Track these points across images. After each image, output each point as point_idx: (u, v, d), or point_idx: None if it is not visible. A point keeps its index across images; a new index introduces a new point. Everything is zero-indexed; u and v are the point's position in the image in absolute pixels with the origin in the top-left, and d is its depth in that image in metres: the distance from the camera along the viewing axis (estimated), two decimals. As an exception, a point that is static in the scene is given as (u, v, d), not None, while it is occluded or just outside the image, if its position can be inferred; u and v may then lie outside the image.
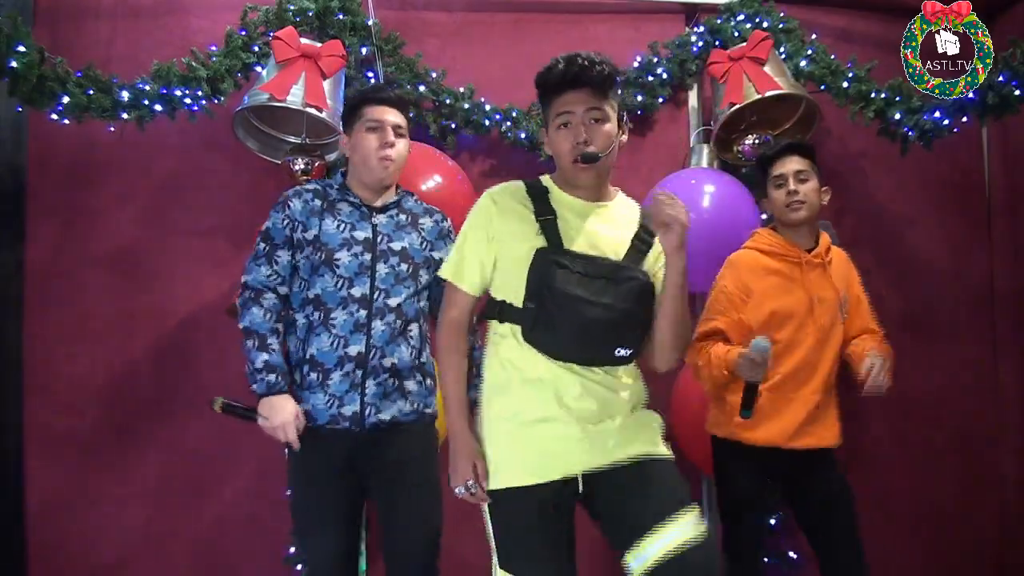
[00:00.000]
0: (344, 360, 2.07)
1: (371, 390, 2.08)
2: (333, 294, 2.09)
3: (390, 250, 2.15)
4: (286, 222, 2.14)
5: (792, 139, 2.41)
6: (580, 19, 3.27)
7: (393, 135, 2.16)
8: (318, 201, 2.16)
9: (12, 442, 2.84)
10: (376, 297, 2.11)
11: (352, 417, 2.07)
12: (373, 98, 2.19)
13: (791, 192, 2.31)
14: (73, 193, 2.92)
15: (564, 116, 1.76)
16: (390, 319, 2.11)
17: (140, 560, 2.88)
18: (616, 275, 1.73)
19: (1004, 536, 3.43)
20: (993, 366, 3.48)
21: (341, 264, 2.10)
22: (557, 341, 1.73)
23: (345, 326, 2.08)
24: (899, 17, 2.80)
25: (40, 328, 2.88)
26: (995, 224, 3.51)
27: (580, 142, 1.74)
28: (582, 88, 1.74)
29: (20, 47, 2.39)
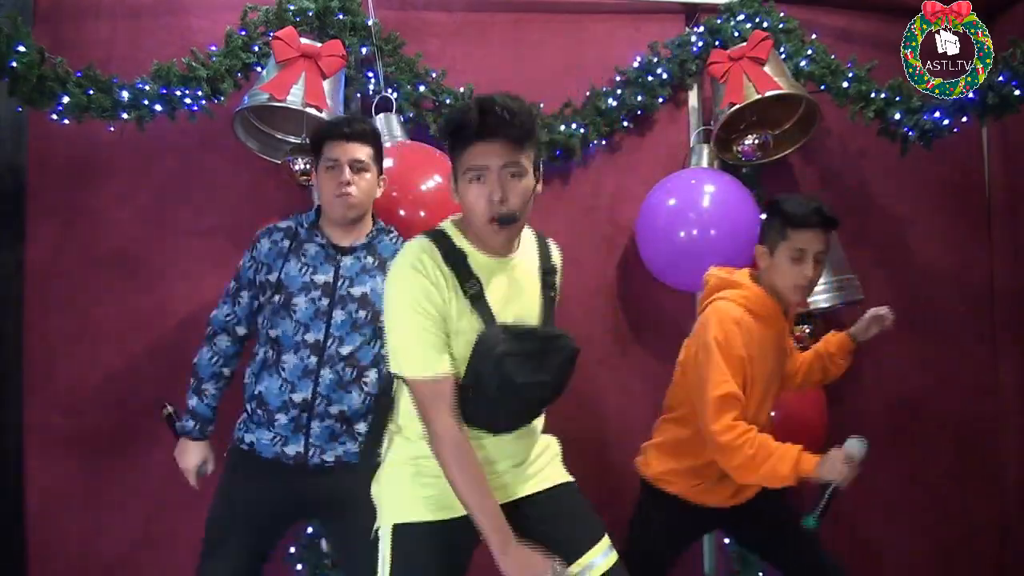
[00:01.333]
0: (289, 405, 2.09)
1: (316, 432, 2.09)
2: (290, 338, 2.10)
3: (349, 295, 2.13)
4: (251, 264, 2.20)
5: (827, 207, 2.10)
6: (580, 19, 3.27)
7: (350, 172, 2.13)
8: (287, 242, 2.18)
9: (12, 442, 2.84)
10: (329, 344, 2.10)
11: (295, 456, 2.10)
12: (330, 134, 2.17)
13: (807, 277, 2.07)
14: (73, 193, 2.91)
15: (477, 170, 1.60)
16: (339, 367, 2.09)
17: (140, 560, 2.88)
18: (548, 345, 1.70)
19: (1004, 536, 3.43)
20: (993, 366, 3.48)
21: (298, 309, 2.11)
22: (494, 420, 1.70)
23: (294, 371, 2.09)
24: (899, 17, 2.80)
25: (40, 328, 2.88)
26: (995, 224, 3.52)
27: (496, 200, 1.59)
28: (497, 140, 1.58)
29: (20, 47, 2.39)
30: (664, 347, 3.18)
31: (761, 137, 3.02)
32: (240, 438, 2.17)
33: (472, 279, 1.65)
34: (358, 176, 2.15)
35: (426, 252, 1.65)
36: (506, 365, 1.61)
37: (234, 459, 2.18)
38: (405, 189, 2.70)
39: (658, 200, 2.99)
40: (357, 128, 2.18)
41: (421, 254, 1.65)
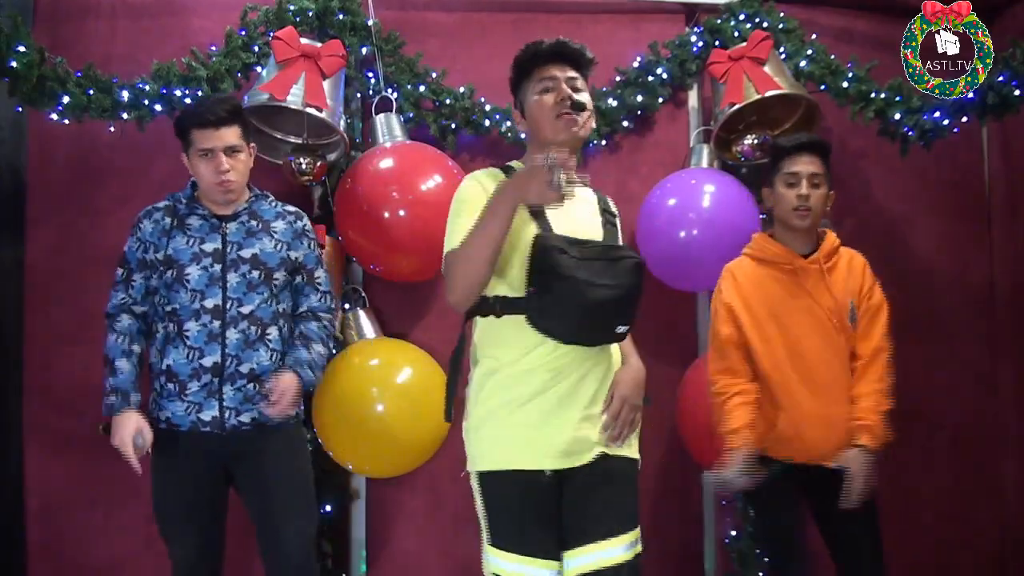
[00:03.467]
0: (200, 372, 2.13)
1: (229, 395, 2.14)
2: (187, 307, 2.15)
3: (240, 258, 2.19)
4: (138, 245, 2.22)
5: (812, 135, 2.30)
6: (580, 19, 3.27)
7: (225, 159, 2.15)
8: (168, 219, 2.22)
9: (12, 442, 2.84)
10: (229, 307, 2.16)
11: (212, 422, 2.14)
12: (196, 122, 2.16)
13: (801, 196, 2.21)
14: (73, 193, 2.92)
15: (546, 82, 1.83)
16: (243, 326, 2.16)
17: (140, 560, 2.88)
18: (609, 255, 1.76)
19: (1004, 536, 3.43)
20: (993, 366, 3.48)
21: (191, 278, 2.15)
22: (566, 325, 1.73)
23: (199, 337, 2.14)
24: (899, 17, 2.80)
25: (40, 328, 2.88)
26: (995, 224, 3.51)
27: (565, 96, 1.80)
28: (563, 61, 1.85)
29: (20, 47, 2.39)
30: (664, 347, 3.19)
31: (761, 137, 3.02)
32: (155, 417, 2.18)
33: None
34: (233, 159, 2.17)
35: (488, 172, 1.88)
36: (565, 261, 1.70)
37: (157, 440, 2.17)
38: (405, 189, 2.71)
39: (658, 200, 2.99)
40: (223, 113, 2.16)
41: (483, 173, 1.88)
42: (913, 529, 3.35)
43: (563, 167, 1.61)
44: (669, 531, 3.21)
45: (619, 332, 1.78)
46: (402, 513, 3.05)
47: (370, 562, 2.99)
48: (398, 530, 3.05)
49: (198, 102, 2.41)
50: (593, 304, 1.71)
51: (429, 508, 3.03)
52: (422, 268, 2.87)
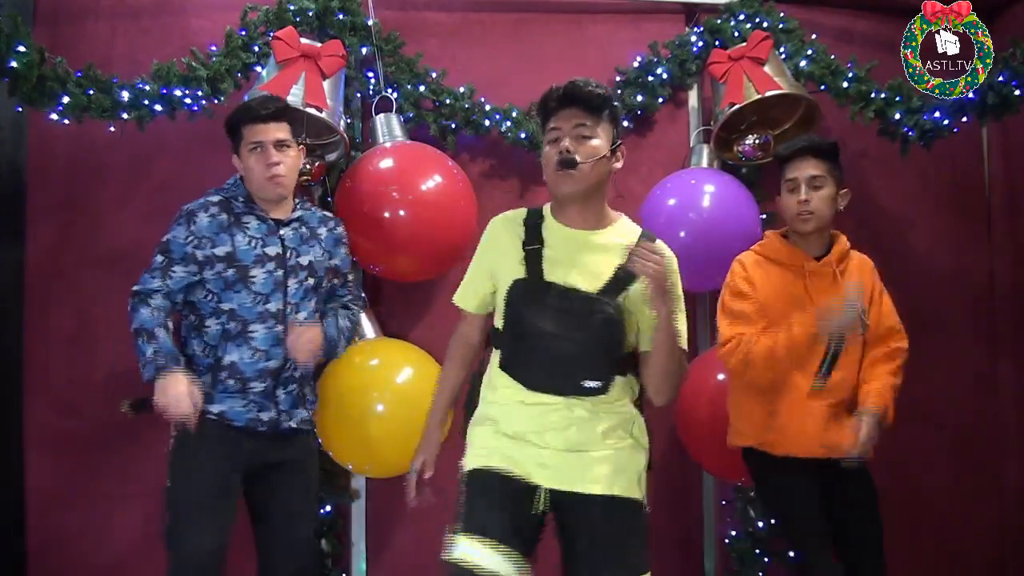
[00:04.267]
0: (265, 373, 2.19)
1: (282, 399, 2.22)
2: (250, 309, 2.18)
3: (299, 265, 2.25)
4: (189, 239, 2.19)
5: (811, 138, 2.31)
6: (580, 19, 3.27)
7: (275, 152, 2.19)
8: (224, 215, 2.21)
9: (12, 442, 2.84)
10: (288, 312, 2.21)
11: (269, 422, 2.21)
12: (248, 117, 2.21)
13: (802, 201, 2.22)
14: (73, 193, 2.91)
15: (553, 132, 1.82)
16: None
17: (140, 560, 2.88)
18: (586, 308, 1.76)
19: (1004, 536, 3.43)
20: (993, 366, 3.48)
21: (257, 281, 2.18)
22: (527, 373, 1.80)
23: (265, 340, 2.18)
24: (899, 17, 2.80)
25: (40, 328, 2.88)
26: (995, 224, 3.51)
27: (563, 150, 1.77)
28: (573, 106, 1.80)
29: (20, 47, 2.39)
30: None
31: (761, 137, 3.02)
32: (205, 409, 2.14)
33: (537, 239, 1.84)
34: (282, 154, 2.21)
35: (512, 214, 1.93)
36: (534, 310, 1.77)
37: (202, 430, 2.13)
38: (405, 189, 2.71)
39: (658, 200, 2.99)
40: (272, 108, 2.22)
41: (509, 213, 1.94)
42: (913, 529, 3.35)
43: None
44: (669, 531, 3.20)
45: (586, 387, 1.77)
46: (402, 513, 3.05)
47: (370, 562, 2.99)
48: (398, 530, 3.05)
49: (247, 101, 2.43)
50: (556, 358, 1.76)
51: (429, 508, 3.01)
52: (422, 268, 2.87)
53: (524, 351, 1.80)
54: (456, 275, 3.04)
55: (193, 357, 2.21)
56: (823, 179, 2.25)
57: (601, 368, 1.79)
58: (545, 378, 1.79)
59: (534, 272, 1.81)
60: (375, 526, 3.00)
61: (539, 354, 1.78)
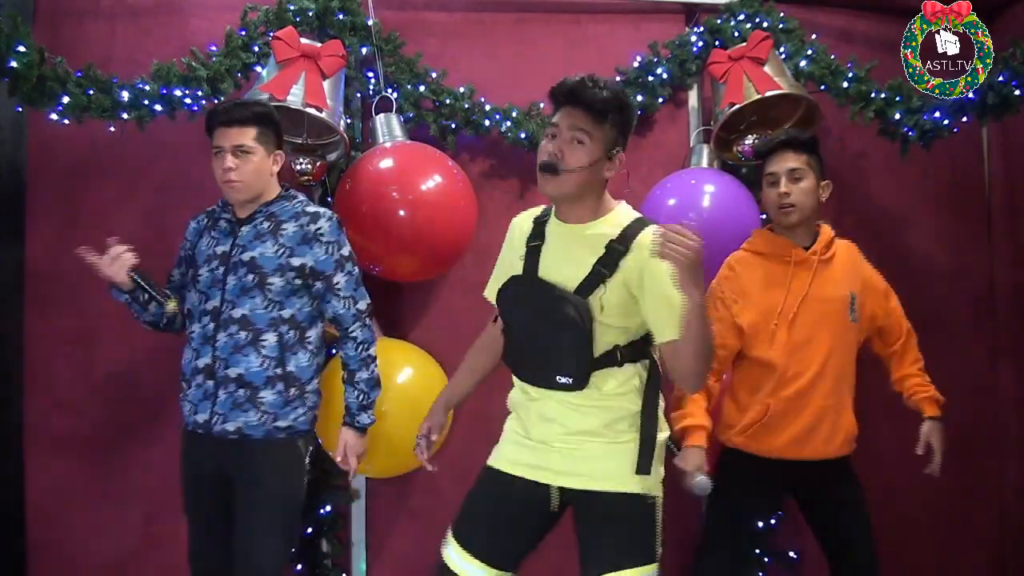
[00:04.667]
0: (195, 372, 2.19)
1: (221, 399, 2.16)
2: (196, 308, 2.24)
3: (240, 261, 2.20)
4: (185, 243, 2.36)
5: (789, 132, 2.35)
6: (580, 19, 3.27)
7: (232, 158, 2.18)
8: (205, 220, 2.33)
9: (12, 442, 2.84)
10: (223, 309, 2.18)
11: (203, 424, 2.18)
12: (214, 121, 2.23)
13: (782, 194, 2.25)
14: (73, 193, 2.91)
15: (552, 128, 1.81)
16: (233, 330, 2.16)
17: (140, 560, 2.88)
18: (554, 307, 1.78)
19: (1004, 536, 3.43)
20: (993, 366, 3.48)
21: (200, 279, 2.24)
22: (513, 363, 1.92)
23: (197, 338, 2.21)
24: (899, 17, 2.80)
25: (40, 328, 2.88)
26: (995, 224, 3.51)
27: (550, 153, 1.77)
28: (576, 106, 1.77)
29: (20, 47, 2.39)
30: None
31: (761, 137, 3.02)
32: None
33: (538, 237, 1.88)
34: (242, 161, 2.19)
35: (528, 212, 1.99)
36: (516, 307, 1.87)
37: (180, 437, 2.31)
38: (405, 189, 2.71)
39: (658, 200, 2.99)
40: (237, 114, 2.21)
41: (524, 213, 2.00)
42: (913, 529, 3.35)
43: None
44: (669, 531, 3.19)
45: (559, 382, 1.79)
46: (402, 513, 3.05)
47: (370, 562, 2.99)
48: (398, 530, 3.05)
49: (217, 104, 2.46)
50: (530, 351, 1.85)
51: (429, 508, 3.03)
52: (422, 268, 2.87)
53: (509, 344, 1.90)
54: (456, 275, 3.08)
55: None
56: (803, 171, 2.26)
57: (571, 364, 1.78)
58: (528, 371, 1.88)
59: (529, 268, 1.86)
60: (375, 526, 3.01)
61: (516, 349, 1.89)
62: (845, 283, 2.29)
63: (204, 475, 2.23)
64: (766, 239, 2.35)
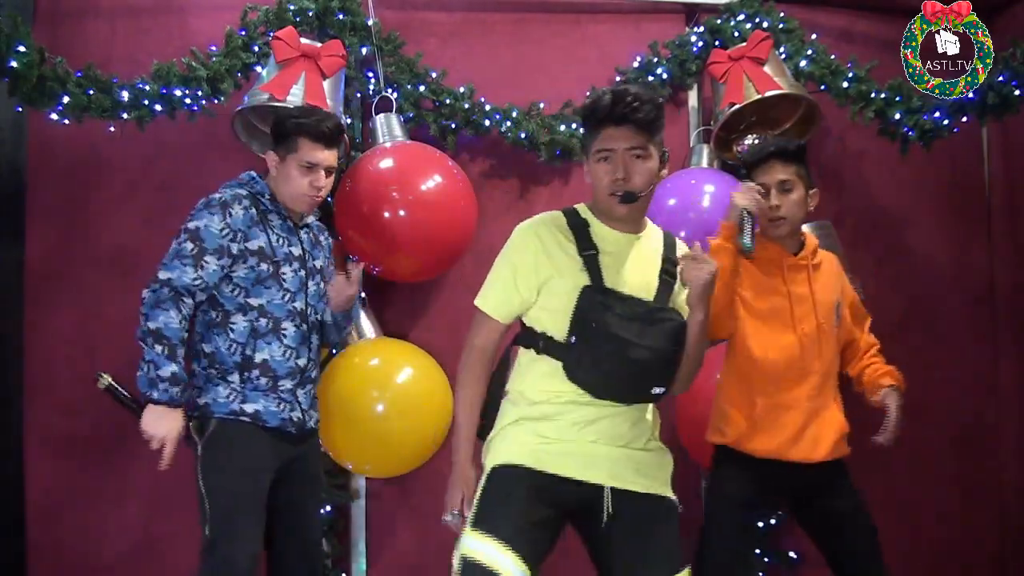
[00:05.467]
0: (295, 371, 2.18)
1: (302, 398, 2.21)
2: (281, 306, 2.16)
3: (315, 268, 2.27)
4: (225, 231, 2.07)
5: (777, 142, 2.32)
6: (580, 19, 3.27)
7: (324, 177, 2.20)
8: (254, 210, 2.14)
9: (12, 442, 2.84)
10: (310, 313, 2.23)
11: (297, 421, 2.19)
12: (311, 133, 2.15)
13: (773, 207, 2.23)
14: (73, 193, 2.91)
15: (605, 152, 1.75)
16: (318, 335, 2.29)
17: (140, 560, 2.88)
18: (652, 317, 1.75)
19: (1004, 536, 3.43)
20: (993, 366, 3.48)
21: (287, 278, 2.18)
22: (601, 380, 1.75)
23: (295, 338, 2.18)
24: (899, 17, 2.80)
25: (40, 328, 2.88)
26: (995, 224, 3.51)
27: (619, 178, 1.74)
28: (626, 125, 1.73)
29: (20, 47, 2.39)
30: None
31: (761, 137, 3.02)
32: (238, 410, 2.09)
33: (590, 244, 1.79)
34: (330, 180, 2.23)
35: (551, 219, 1.84)
36: (607, 317, 1.72)
37: (230, 433, 2.10)
38: (405, 189, 2.71)
39: (658, 200, 2.98)
40: (338, 132, 2.22)
41: (544, 218, 1.85)
42: (913, 529, 3.35)
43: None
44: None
45: (654, 393, 1.78)
46: (402, 513, 3.05)
47: (370, 562, 2.99)
48: (398, 530, 3.05)
49: (310, 111, 2.28)
50: (631, 364, 1.72)
51: (429, 508, 3.02)
52: (422, 268, 2.87)
53: (599, 359, 1.73)
54: (456, 275, 3.08)
55: (216, 354, 2.12)
56: (792, 183, 2.23)
57: (669, 374, 1.78)
58: (621, 386, 1.77)
59: (597, 278, 1.76)
60: (375, 526, 3.01)
61: (615, 362, 1.72)
62: (833, 289, 2.31)
63: (271, 469, 2.15)
64: (759, 243, 2.29)
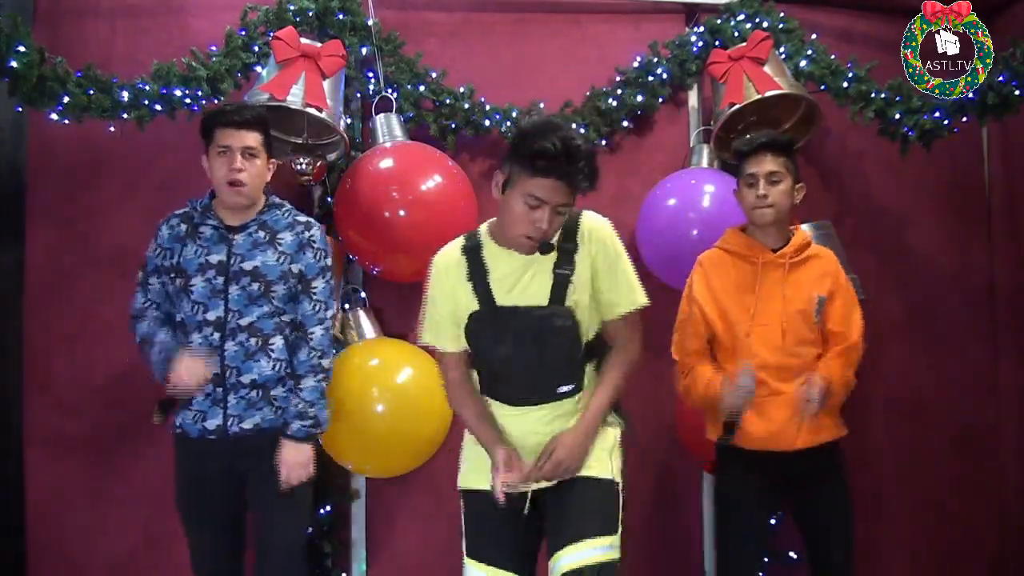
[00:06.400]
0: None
1: (232, 403, 2.20)
2: (191, 318, 2.21)
3: (242, 271, 2.21)
4: (157, 251, 2.27)
5: (768, 134, 2.38)
6: (580, 19, 3.27)
7: (241, 159, 2.18)
8: (183, 226, 2.26)
9: (12, 442, 2.84)
10: (230, 319, 2.20)
11: (216, 429, 2.20)
12: (220, 120, 2.20)
13: (760, 196, 2.28)
14: (73, 193, 2.91)
15: (533, 200, 1.77)
16: (242, 338, 2.20)
17: (140, 560, 2.88)
18: (542, 324, 1.84)
19: (1004, 536, 3.43)
20: (993, 366, 3.48)
21: (195, 290, 2.20)
22: (504, 392, 1.93)
23: (202, 350, 2.19)
24: (899, 17, 2.80)
25: (40, 328, 2.88)
26: (995, 224, 3.51)
27: (542, 228, 1.78)
28: (564, 180, 1.75)
29: (20, 47, 2.39)
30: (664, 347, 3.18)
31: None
32: (176, 424, 2.26)
33: (480, 268, 1.89)
34: (248, 162, 2.19)
35: (449, 250, 1.96)
36: (476, 340, 1.89)
37: (176, 447, 2.29)
38: (405, 189, 2.71)
39: (658, 200, 2.99)
40: (247, 115, 2.22)
41: (445, 252, 1.96)
42: (913, 529, 3.35)
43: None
44: (669, 531, 3.21)
45: (560, 391, 1.89)
46: (402, 513, 3.05)
47: (370, 562, 2.99)
48: (398, 530, 3.05)
49: (222, 104, 2.43)
50: (521, 374, 1.87)
51: (429, 508, 3.03)
52: (422, 268, 2.82)
53: (495, 376, 1.92)
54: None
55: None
56: (781, 174, 2.30)
57: (569, 373, 1.90)
58: (523, 394, 1.90)
59: (486, 300, 1.88)
60: (375, 526, 3.00)
61: (508, 376, 1.89)
62: (814, 286, 2.31)
63: (211, 477, 2.22)
64: (737, 239, 2.39)
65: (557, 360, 1.87)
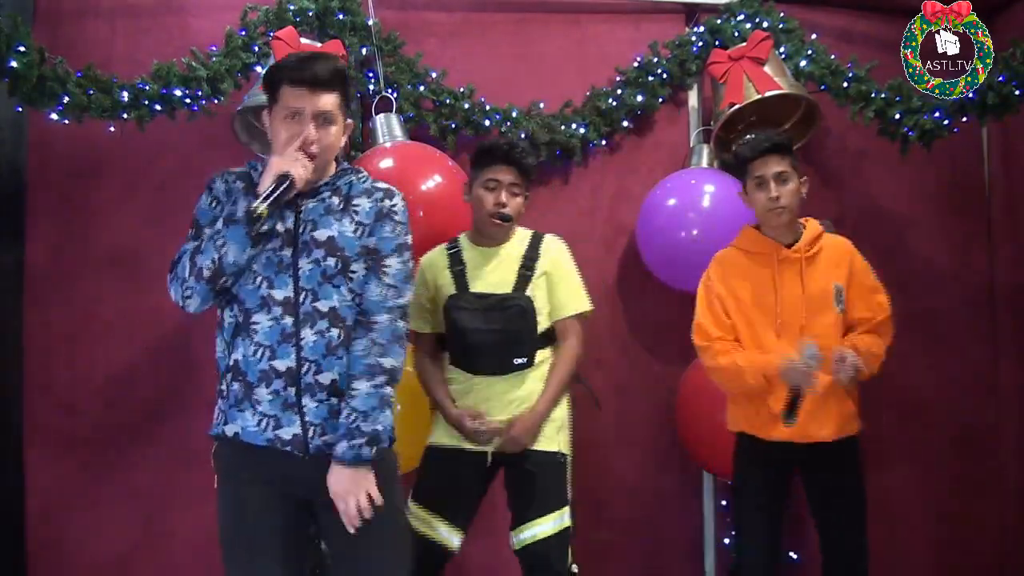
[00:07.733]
0: (271, 375, 1.75)
1: (310, 409, 1.75)
2: (251, 293, 1.76)
3: (314, 240, 1.78)
4: (212, 203, 1.83)
5: (771, 137, 2.40)
6: (580, 19, 3.27)
7: (315, 127, 1.77)
8: (240, 183, 1.83)
9: (12, 442, 2.84)
10: (303, 300, 1.76)
11: (293, 441, 1.75)
12: (290, 77, 1.76)
13: (773, 198, 2.31)
14: (73, 193, 2.91)
15: (492, 183, 2.35)
16: (322, 327, 1.76)
17: (140, 560, 2.88)
18: (502, 304, 2.32)
19: (1004, 536, 3.43)
20: (993, 366, 3.48)
21: (258, 259, 1.77)
22: (470, 361, 2.35)
23: (270, 334, 1.75)
24: (899, 17, 2.80)
25: (40, 328, 2.88)
26: (995, 224, 3.51)
27: (500, 203, 2.33)
28: (512, 165, 2.34)
29: (20, 47, 2.39)
30: (664, 347, 3.19)
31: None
32: (220, 432, 1.80)
33: (459, 262, 2.41)
34: (324, 131, 1.78)
35: (435, 253, 2.47)
36: (455, 314, 2.34)
37: (223, 459, 1.81)
38: (405, 189, 2.70)
39: (658, 200, 2.99)
40: (324, 74, 1.77)
41: (432, 254, 2.47)
42: (913, 529, 3.35)
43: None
44: (669, 531, 3.21)
45: (516, 363, 2.32)
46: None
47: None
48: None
49: (298, 55, 1.90)
50: (483, 344, 2.30)
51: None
52: (422, 268, 2.86)
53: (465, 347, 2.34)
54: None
55: (217, 361, 1.84)
56: (788, 174, 2.34)
57: (524, 347, 2.33)
58: (485, 362, 2.33)
59: (461, 286, 2.38)
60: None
61: (474, 346, 2.31)
62: (831, 276, 2.35)
63: (281, 503, 1.78)
64: (754, 238, 2.41)
65: (515, 334, 2.31)
